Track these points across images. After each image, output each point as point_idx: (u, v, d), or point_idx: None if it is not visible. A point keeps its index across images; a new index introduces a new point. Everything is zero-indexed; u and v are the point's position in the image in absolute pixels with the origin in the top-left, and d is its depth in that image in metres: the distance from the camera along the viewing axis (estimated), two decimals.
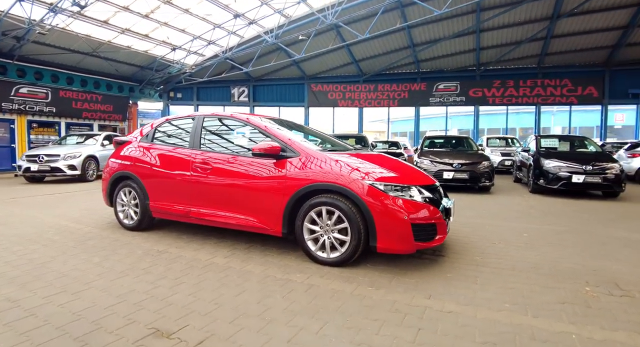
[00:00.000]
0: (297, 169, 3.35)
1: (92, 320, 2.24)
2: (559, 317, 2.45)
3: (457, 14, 14.75)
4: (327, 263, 3.23)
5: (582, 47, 16.46)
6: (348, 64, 19.10)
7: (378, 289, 2.79)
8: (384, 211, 3.02)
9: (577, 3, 13.71)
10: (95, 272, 3.02)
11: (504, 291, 2.84)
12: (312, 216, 3.26)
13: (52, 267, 3.14)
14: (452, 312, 2.48)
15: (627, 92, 17.11)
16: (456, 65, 18.94)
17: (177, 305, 2.44)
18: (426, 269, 3.28)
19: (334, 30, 15.96)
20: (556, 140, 10.16)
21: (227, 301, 2.52)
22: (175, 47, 16.03)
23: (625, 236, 4.62)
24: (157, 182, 4.16)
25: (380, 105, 20.03)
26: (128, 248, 3.73)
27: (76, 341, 2.01)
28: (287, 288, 2.77)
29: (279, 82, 20.70)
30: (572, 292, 2.85)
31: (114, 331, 2.11)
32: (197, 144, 4.01)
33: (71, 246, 3.77)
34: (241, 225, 3.62)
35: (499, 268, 3.35)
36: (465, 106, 19.60)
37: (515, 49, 16.85)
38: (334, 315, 2.37)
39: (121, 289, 2.68)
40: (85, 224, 4.79)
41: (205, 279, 2.91)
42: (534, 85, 18.23)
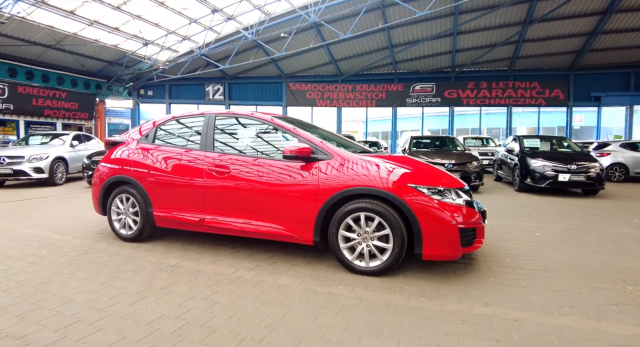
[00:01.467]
0: (331, 172, 3.10)
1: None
2: (621, 319, 2.41)
3: (436, 16, 14.96)
4: (365, 273, 3.01)
5: (550, 51, 17.24)
6: (327, 63, 18.95)
7: (432, 299, 2.62)
8: (432, 216, 2.85)
9: (548, 9, 14.30)
10: (107, 295, 2.62)
11: (553, 294, 2.77)
12: (348, 223, 3.03)
13: (50, 290, 2.70)
14: (518, 320, 2.36)
15: (589, 94, 18.12)
16: (432, 67, 19.29)
17: (222, 331, 2.13)
18: (466, 274, 3.15)
19: (315, 29, 15.74)
20: (537, 141, 10.52)
21: (278, 323, 2.25)
22: (147, 42, 15.18)
23: (629, 232, 4.75)
24: (163, 188, 3.75)
25: (358, 105, 20.06)
26: (134, 263, 3.32)
27: None
28: (335, 303, 2.53)
29: (256, 81, 20.21)
30: (616, 292, 2.83)
31: None
32: (211, 145, 3.64)
33: (65, 263, 3.30)
34: (266, 233, 3.33)
35: (534, 270, 3.29)
36: (440, 107, 20.00)
37: (489, 52, 17.37)
38: (402, 332, 2.17)
39: (147, 315, 2.32)
40: (72, 236, 4.28)
41: (240, 297, 2.61)
42: (505, 87, 18.90)
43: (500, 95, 19.04)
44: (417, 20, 15.03)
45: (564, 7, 14.03)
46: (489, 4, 14.18)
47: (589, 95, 18.10)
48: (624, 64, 17.39)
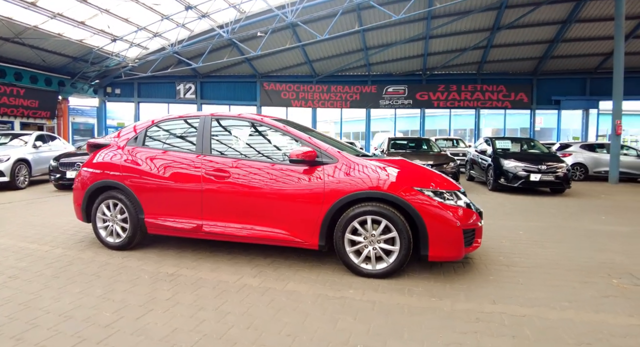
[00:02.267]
0: (337, 176, 3.09)
1: None
2: (615, 310, 2.59)
3: (409, 21, 15.30)
4: (372, 275, 3.03)
5: (515, 57, 18.10)
6: (302, 63, 18.91)
7: (442, 299, 2.68)
8: (437, 218, 2.91)
9: (515, 17, 15.01)
10: (109, 310, 2.45)
11: (550, 289, 2.93)
12: (354, 226, 3.03)
13: (43, 306, 2.48)
14: (526, 315, 2.47)
15: (550, 98, 19.19)
16: (404, 70, 19.72)
17: (243, 343, 2.07)
18: (466, 273, 3.24)
19: (290, 29, 15.66)
20: (508, 142, 11.01)
21: (298, 331, 2.21)
22: (116, 38, 14.51)
23: (600, 229, 5.08)
24: (156, 194, 3.59)
25: (333, 106, 20.18)
26: (129, 273, 3.15)
27: None
28: (350, 308, 2.53)
29: (229, 80, 19.83)
30: (605, 286, 3.03)
31: None
32: (208, 148, 3.53)
33: (51, 276, 3.06)
34: (269, 238, 3.27)
35: (527, 267, 3.45)
36: (412, 109, 20.49)
37: (459, 56, 17.99)
38: (422, 333, 2.21)
39: (159, 330, 2.20)
40: (52, 245, 3.99)
41: (251, 306, 2.54)
42: (474, 90, 19.64)
43: (469, 98, 19.76)
44: (392, 23, 15.29)
45: (529, 16, 14.77)
46: (460, 10, 14.69)
47: (550, 99, 19.17)
48: (581, 71, 18.57)
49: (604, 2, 13.93)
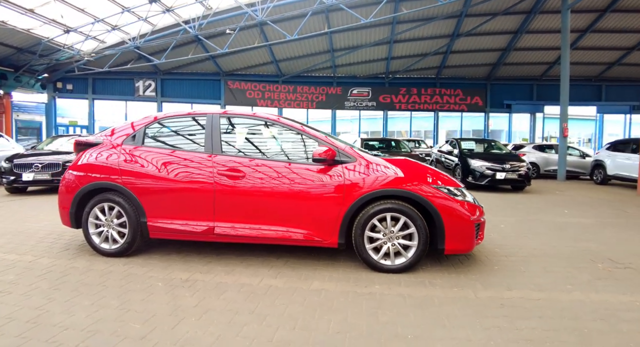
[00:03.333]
0: (357, 175, 3.15)
1: None
2: (611, 290, 2.90)
3: (376, 25, 15.73)
4: (391, 271, 3.12)
5: (472, 62, 19.23)
6: (268, 63, 18.75)
7: (463, 289, 2.83)
8: (453, 213, 3.07)
9: (473, 25, 15.97)
10: (136, 321, 2.28)
11: (551, 275, 3.20)
12: (373, 224, 3.10)
13: (56, 322, 2.25)
14: (541, 299, 2.70)
15: (502, 102, 20.59)
16: (369, 72, 20.22)
17: (296, 344, 2.05)
18: (472, 264, 3.44)
19: (258, 28, 15.47)
20: (473, 143, 11.69)
21: (345, 327, 2.23)
22: (69, 29, 13.47)
23: (567, 221, 5.58)
24: (160, 196, 3.39)
25: (299, 106, 20.18)
26: (138, 281, 2.94)
27: None
28: (384, 302, 2.59)
29: (191, 77, 19.16)
30: (594, 270, 3.37)
31: None
32: (219, 147, 3.41)
33: (49, 288, 2.78)
34: (288, 239, 3.23)
35: (522, 256, 3.73)
36: (376, 111, 21.05)
37: (420, 60, 18.78)
38: (460, 320, 2.34)
39: (202, 339, 2.08)
40: (33, 254, 3.61)
41: (287, 306, 2.51)
42: (433, 93, 20.58)
43: (429, 101, 20.66)
44: (359, 27, 15.64)
45: (485, 25, 15.77)
46: (424, 17, 15.34)
47: (502, 103, 20.55)
48: (529, 77, 20.14)
49: (550, 16, 15.23)
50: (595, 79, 19.65)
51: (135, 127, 3.68)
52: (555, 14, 14.99)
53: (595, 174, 11.83)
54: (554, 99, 19.57)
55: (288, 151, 3.45)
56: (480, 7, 14.72)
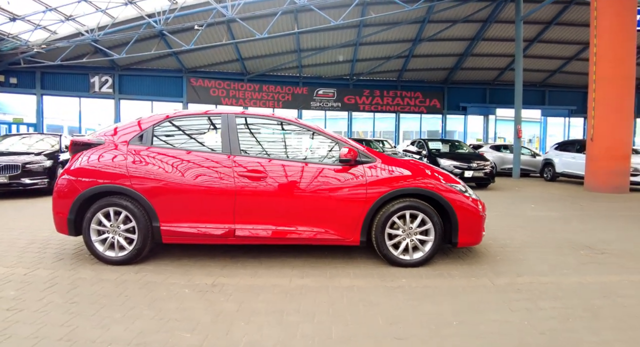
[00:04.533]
0: (377, 174, 3.27)
1: None
2: (599, 272, 3.30)
3: (343, 27, 16.02)
4: (410, 265, 3.28)
5: (431, 67, 20.19)
6: (233, 61, 18.40)
7: (479, 279, 3.07)
8: (466, 209, 3.30)
9: (434, 31, 16.79)
10: (182, 330, 2.17)
11: (547, 262, 3.55)
12: (393, 221, 3.25)
13: (93, 338, 2.08)
14: (548, 282, 3.01)
15: (458, 105, 21.82)
16: (334, 74, 20.53)
17: (357, 340, 2.15)
18: (476, 256, 3.71)
19: (225, 25, 15.14)
20: (439, 143, 12.32)
21: (395, 319, 2.36)
22: (16, 17, 12.31)
23: (538, 215, 6.13)
24: (176, 198, 3.26)
25: (265, 105, 20.00)
26: (160, 289, 2.80)
27: None
28: (417, 294, 2.74)
29: (152, 73, 18.28)
30: (578, 256, 3.77)
31: None
32: (237, 148, 3.35)
33: (66, 302, 2.54)
34: (312, 239, 3.27)
35: (516, 247, 4.07)
36: (341, 111, 21.43)
37: (383, 63, 19.39)
38: (491, 305, 2.57)
39: (262, 341, 2.09)
40: (25, 266, 3.27)
41: (329, 304, 2.55)
42: (394, 95, 21.34)
43: (390, 102, 21.40)
44: (327, 28, 15.85)
45: (446, 31, 16.65)
46: (390, 21, 15.87)
47: (458, 105, 21.78)
48: (483, 82, 21.52)
49: (504, 25, 16.43)
50: (540, 84, 21.46)
51: (143, 126, 3.51)
52: (508, 24, 16.20)
53: (545, 171, 12.97)
54: (505, 102, 21.16)
55: (306, 152, 3.50)
56: (442, 14, 15.52)
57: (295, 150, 3.59)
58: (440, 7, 14.88)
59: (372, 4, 14.20)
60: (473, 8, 15.27)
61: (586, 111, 22.12)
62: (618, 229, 5.10)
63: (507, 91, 21.38)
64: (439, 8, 14.95)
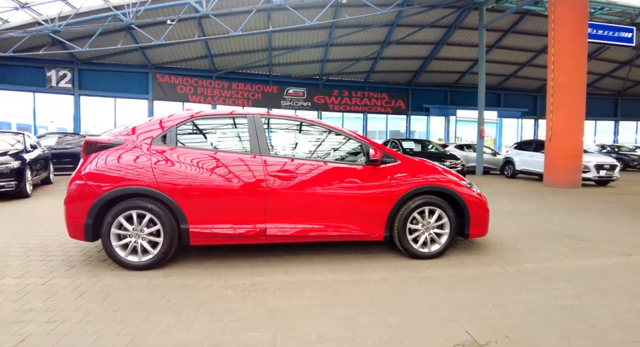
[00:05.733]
0: (400, 173, 3.50)
1: None
2: (587, 257, 3.77)
3: (316, 27, 16.21)
4: (427, 257, 3.55)
5: (397, 69, 20.95)
6: (202, 57, 17.97)
7: (491, 266, 3.41)
8: (476, 204, 3.64)
9: (402, 35, 17.46)
10: (248, 330, 2.22)
11: (541, 250, 3.97)
12: (414, 216, 3.50)
13: (159, 344, 2.08)
14: (551, 267, 3.42)
15: (422, 106, 22.82)
16: (304, 73, 20.67)
17: (408, 330, 2.36)
18: (479, 247, 4.08)
19: (196, 21, 14.77)
20: (412, 143, 12.89)
21: (441, 305, 2.62)
22: None
23: (514, 209, 6.69)
24: (207, 200, 3.25)
25: (235, 103, 19.72)
26: (201, 292, 2.76)
27: None
28: (444, 283, 2.99)
29: (115, 69, 17.37)
30: (564, 245, 4.24)
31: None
32: (265, 149, 3.40)
33: (107, 311, 2.47)
34: (340, 236, 3.42)
35: (511, 237, 4.49)
36: (311, 111, 21.60)
37: (352, 64, 19.83)
38: (512, 289, 2.90)
39: (334, 331, 2.23)
40: (37, 276, 3.04)
41: (374, 294, 2.74)
42: (362, 96, 21.90)
43: (359, 103, 21.94)
44: (300, 28, 15.95)
45: (413, 35, 17.36)
46: (361, 24, 16.29)
47: (422, 106, 22.79)
48: (444, 84, 22.66)
49: (467, 31, 17.45)
50: (496, 87, 22.98)
51: (165, 126, 3.47)
52: (470, 30, 17.23)
53: (506, 169, 13.97)
54: (465, 104, 22.44)
55: (333, 152, 3.65)
56: (411, 18, 16.19)
57: (321, 151, 3.72)
58: (409, 12, 15.50)
59: (346, 6, 14.50)
60: (440, 14, 16.08)
61: (536, 113, 24.15)
62: (587, 219, 5.74)
63: (467, 93, 22.73)
64: (408, 13, 15.57)
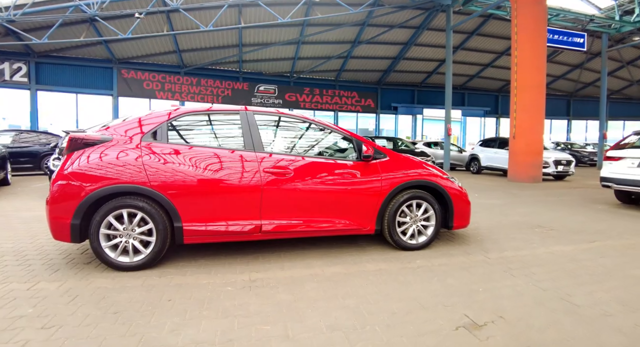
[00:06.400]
0: (389, 169, 3.64)
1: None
2: (558, 244, 4.09)
3: (288, 25, 16.18)
4: (416, 248, 3.72)
5: (367, 68, 21.33)
6: (170, 52, 17.43)
7: (475, 255, 3.64)
8: (460, 197, 3.86)
9: (373, 35, 17.79)
10: (259, 324, 2.27)
11: (518, 239, 4.28)
12: (402, 210, 3.66)
13: (171, 344, 2.05)
14: (527, 255, 3.69)
15: (390, 105, 23.39)
16: (275, 70, 20.57)
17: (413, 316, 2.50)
18: (460, 237, 4.32)
19: (165, 14, 14.31)
20: (384, 140, 13.21)
21: (442, 292, 2.82)
22: None
23: (485, 202, 7.08)
24: (201, 197, 3.21)
25: (204, 100, 19.32)
26: (200, 290, 2.72)
27: None
28: (437, 272, 3.17)
29: (76, 63, 16.45)
30: (538, 233, 4.57)
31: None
32: (260, 145, 3.41)
33: (107, 313, 2.38)
34: (334, 230, 3.50)
35: (487, 228, 4.77)
36: (282, 108, 21.53)
37: (324, 63, 19.97)
38: (500, 274, 3.13)
39: (347, 322, 2.36)
40: (21, 281, 2.85)
41: (375, 287, 2.88)
42: (333, 94, 22.13)
43: (329, 101, 22.15)
44: (272, 25, 15.88)
45: (383, 35, 17.74)
46: (333, 23, 16.43)
47: (390, 105, 23.35)
48: (411, 84, 23.33)
49: (434, 32, 18.05)
50: (460, 87, 23.94)
51: (155, 122, 3.40)
52: (438, 31, 17.85)
53: (472, 165, 14.65)
54: (431, 103, 23.24)
55: (326, 148, 3.73)
56: (381, 18, 16.54)
57: (315, 147, 3.79)
58: (380, 12, 15.83)
59: (318, 4, 14.59)
60: (409, 15, 16.54)
61: (498, 112, 25.39)
62: (551, 211, 6.19)
63: (433, 93, 23.55)
64: (379, 13, 15.90)
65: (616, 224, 5.24)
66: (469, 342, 2.04)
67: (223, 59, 18.44)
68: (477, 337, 2.09)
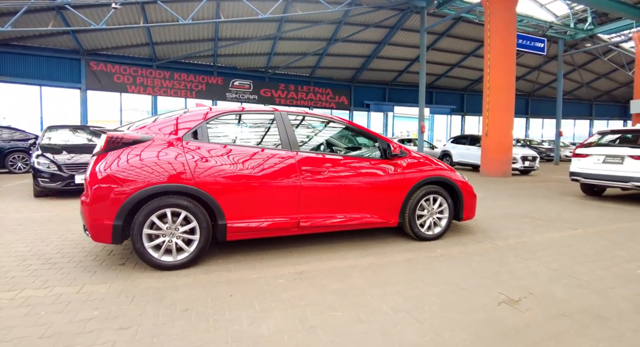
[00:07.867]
0: (411, 166, 3.98)
1: None
2: (549, 231, 4.64)
3: (265, 20, 16.13)
4: (431, 239, 4.09)
5: (341, 66, 21.67)
6: (142, 45, 16.82)
7: (484, 243, 4.07)
8: (468, 191, 4.29)
9: (348, 33, 18.14)
10: (332, 310, 2.60)
11: (512, 228, 4.76)
12: (421, 204, 4.02)
13: (261, 334, 2.16)
14: (528, 241, 4.18)
15: (363, 102, 23.92)
16: (250, 65, 20.39)
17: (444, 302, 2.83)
18: (464, 228, 4.76)
19: (139, 6, 13.81)
20: None
21: (470, 276, 3.18)
22: None
23: None
24: (244, 195, 3.33)
25: (177, 95, 18.84)
26: (255, 284, 2.84)
27: None
28: (457, 259, 3.55)
29: (40, 53, 15.44)
30: (529, 223, 5.11)
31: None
32: (295, 144, 3.61)
33: (176, 312, 2.43)
34: (361, 224, 3.76)
35: (483, 220, 5.25)
36: (257, 104, 21.41)
37: (300, 59, 20.08)
38: (511, 259, 3.57)
39: (417, 311, 2.63)
40: (65, 285, 2.79)
41: (411, 274, 3.28)
42: (308, 91, 22.28)
43: (304, 97, 22.28)
44: (250, 20, 15.76)
45: (358, 33, 18.14)
46: (310, 20, 16.58)
47: (363, 102, 23.88)
48: (383, 82, 23.99)
49: (407, 32, 18.70)
50: (429, 86, 24.91)
51: (193, 121, 3.49)
52: (411, 32, 18.51)
53: (443, 161, 15.47)
54: (402, 101, 24.03)
55: (357, 147, 4.00)
56: (357, 17, 16.90)
57: (343, 145, 4.04)
58: (357, 12, 16.18)
59: (298, 1, 14.68)
60: (384, 15, 17.03)
61: (463, 110, 26.69)
62: (529, 203, 6.85)
63: (404, 91, 24.38)
64: (356, 12, 16.25)
65: (588, 213, 5.95)
66: (514, 314, 2.42)
67: (197, 53, 18.05)
68: (519, 310, 2.47)
